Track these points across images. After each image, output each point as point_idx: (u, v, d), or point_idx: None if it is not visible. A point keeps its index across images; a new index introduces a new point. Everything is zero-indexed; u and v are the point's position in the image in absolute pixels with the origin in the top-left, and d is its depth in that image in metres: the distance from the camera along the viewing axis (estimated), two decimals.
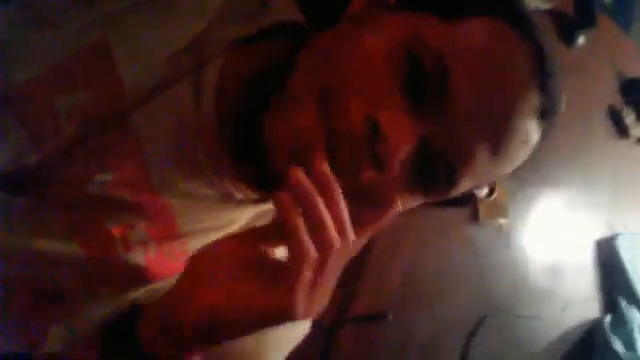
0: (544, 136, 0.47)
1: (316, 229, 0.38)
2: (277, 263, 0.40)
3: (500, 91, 0.42)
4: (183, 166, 0.49)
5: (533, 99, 0.43)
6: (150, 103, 0.48)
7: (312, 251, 0.37)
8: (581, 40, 1.43)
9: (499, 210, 1.20)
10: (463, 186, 0.46)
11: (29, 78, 0.47)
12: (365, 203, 0.43)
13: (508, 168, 0.47)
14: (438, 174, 0.44)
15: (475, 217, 1.17)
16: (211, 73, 0.49)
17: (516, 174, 0.46)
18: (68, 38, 0.48)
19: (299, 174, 0.39)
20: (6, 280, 0.47)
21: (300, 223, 0.38)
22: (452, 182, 0.45)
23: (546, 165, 1.36)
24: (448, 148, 0.43)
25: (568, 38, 1.41)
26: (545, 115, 0.45)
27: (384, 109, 0.41)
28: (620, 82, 1.57)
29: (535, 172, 1.33)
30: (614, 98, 1.55)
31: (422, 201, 0.48)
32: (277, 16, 0.52)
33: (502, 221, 1.22)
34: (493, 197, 1.15)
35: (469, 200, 1.14)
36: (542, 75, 0.44)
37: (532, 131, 0.45)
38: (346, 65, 0.43)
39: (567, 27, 1.40)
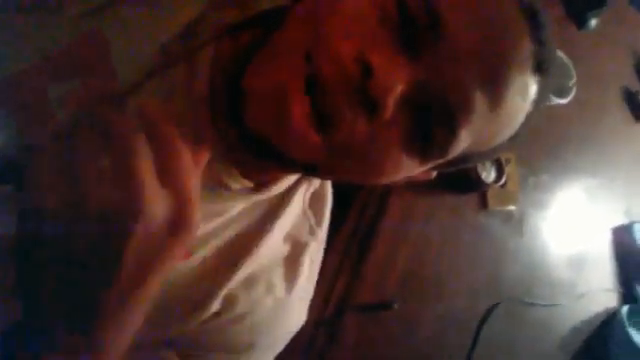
0: (542, 96, 0.46)
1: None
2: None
3: (493, 35, 0.42)
4: None
5: (525, 46, 0.43)
6: (143, 90, 0.49)
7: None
8: (593, 22, 1.40)
9: (508, 197, 1.18)
10: (464, 138, 0.44)
11: (22, 67, 0.47)
12: (360, 162, 0.43)
13: (507, 124, 0.46)
14: (436, 124, 0.43)
15: (484, 204, 1.16)
16: (204, 60, 0.50)
17: (526, 160, 0.43)
18: (62, 28, 0.48)
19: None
20: None
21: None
22: (452, 131, 0.43)
23: (560, 150, 1.33)
24: (445, 93, 0.42)
25: (579, 21, 1.38)
26: (540, 68, 0.44)
27: (375, 49, 0.41)
28: (636, 63, 1.53)
29: (549, 158, 1.30)
30: (629, 79, 1.51)
31: (420, 166, 0.46)
32: (268, 1, 0.52)
33: (511, 208, 1.20)
34: (502, 183, 1.12)
35: (478, 186, 1.12)
36: (533, 26, 0.43)
37: (528, 84, 0.44)
38: (334, 15, 0.43)
39: (577, 9, 1.37)
